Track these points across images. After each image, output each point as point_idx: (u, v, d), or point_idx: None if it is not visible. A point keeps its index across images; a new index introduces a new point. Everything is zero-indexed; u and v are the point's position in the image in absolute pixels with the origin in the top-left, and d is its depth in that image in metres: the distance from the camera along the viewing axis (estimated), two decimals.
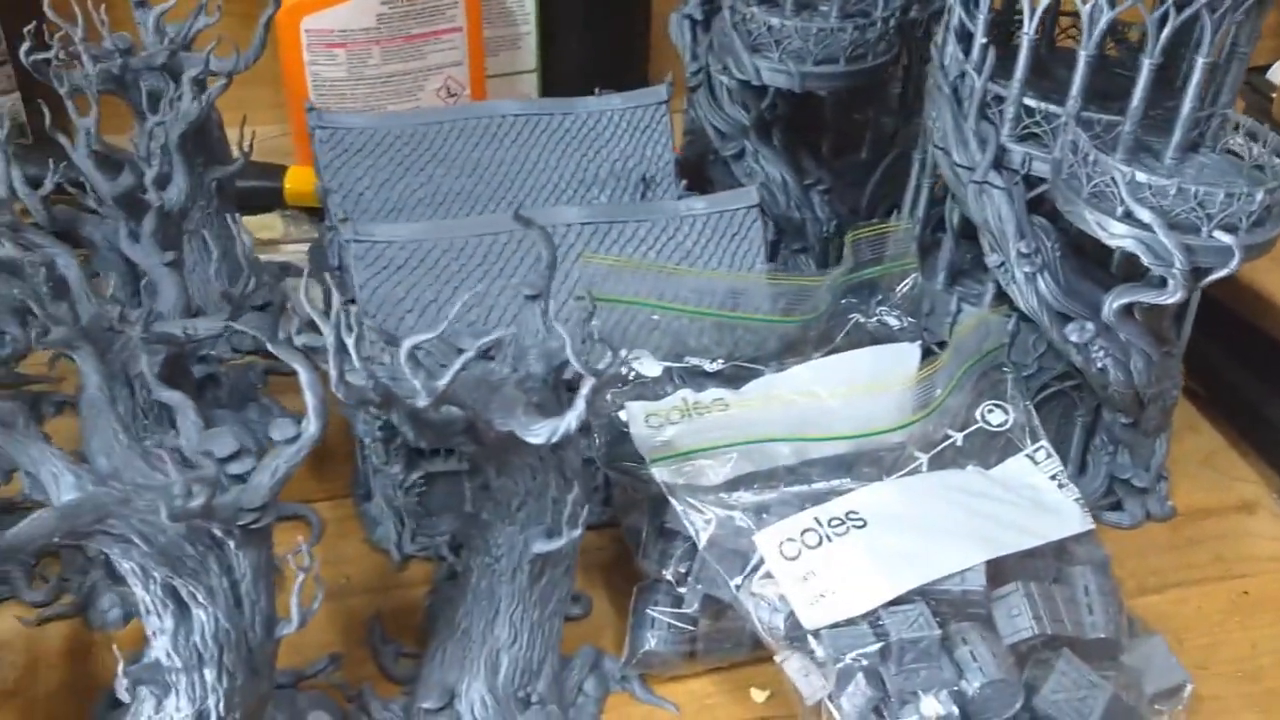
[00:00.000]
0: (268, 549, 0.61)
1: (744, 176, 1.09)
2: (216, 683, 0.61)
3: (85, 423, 0.62)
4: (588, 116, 1.03)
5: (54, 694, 0.79)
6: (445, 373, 0.59)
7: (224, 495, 0.58)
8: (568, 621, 0.79)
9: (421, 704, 0.75)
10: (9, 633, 0.82)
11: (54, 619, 0.83)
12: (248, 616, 0.61)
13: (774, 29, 0.95)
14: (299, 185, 1.31)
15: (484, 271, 0.85)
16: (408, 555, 0.90)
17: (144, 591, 0.59)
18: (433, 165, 1.00)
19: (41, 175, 0.83)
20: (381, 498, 0.90)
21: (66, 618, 0.84)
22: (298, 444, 0.60)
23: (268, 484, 0.60)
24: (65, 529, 0.53)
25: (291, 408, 1.04)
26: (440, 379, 0.59)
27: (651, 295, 0.82)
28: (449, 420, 0.66)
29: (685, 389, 0.80)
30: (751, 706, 0.80)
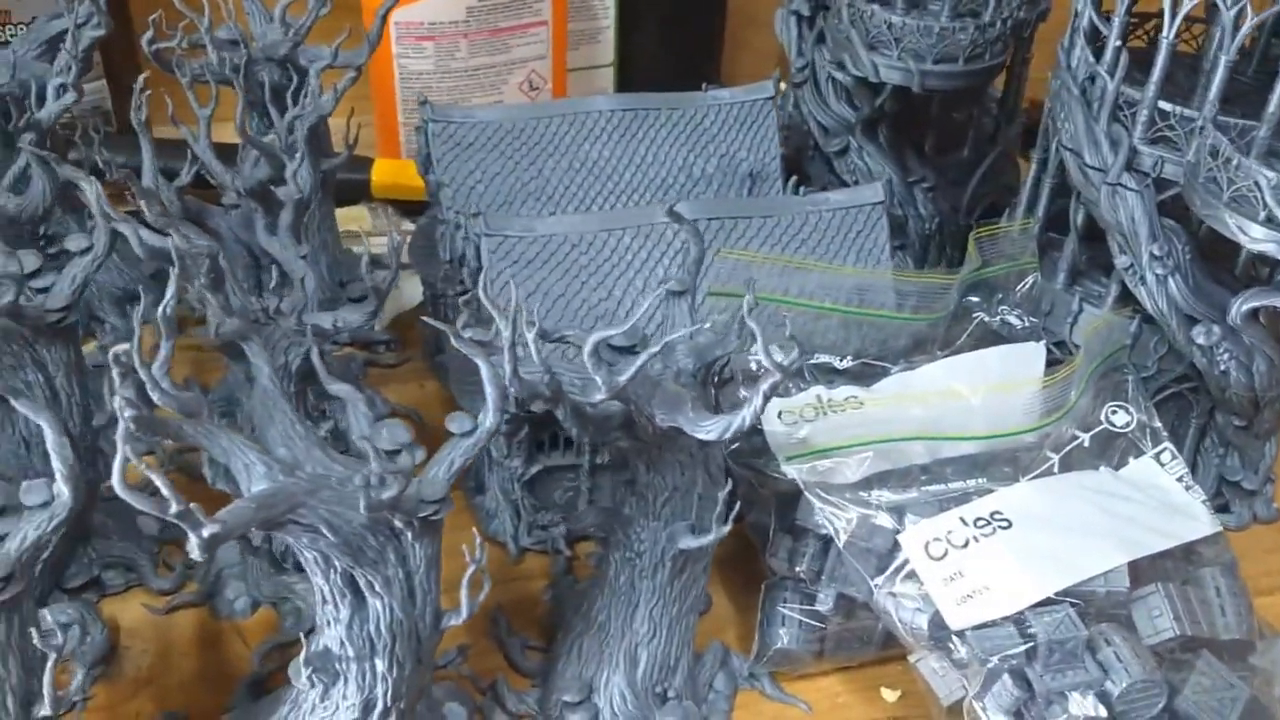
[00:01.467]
0: (439, 541, 0.62)
1: (846, 173, 1.09)
2: (387, 672, 0.61)
3: (259, 413, 0.62)
4: (695, 111, 1.03)
5: (187, 682, 0.79)
6: (625, 368, 0.59)
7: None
8: None
9: (561, 697, 0.75)
10: (139, 621, 0.82)
11: (181, 607, 0.84)
12: (419, 607, 0.61)
13: (894, 27, 0.95)
14: (385, 178, 1.31)
15: (611, 266, 0.85)
16: (524, 548, 0.90)
17: (323, 580, 0.59)
18: (542, 159, 0.99)
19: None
20: (498, 491, 0.90)
21: (193, 606, 0.84)
22: (474, 437, 0.60)
23: (445, 476, 0.60)
24: (261, 519, 0.53)
25: (391, 399, 1.05)
26: (621, 374, 0.59)
27: (779, 291, 0.82)
28: (608, 415, 0.66)
29: (818, 386, 0.80)
30: (883, 706, 0.80)
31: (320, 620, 0.62)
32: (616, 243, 0.85)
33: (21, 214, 0.83)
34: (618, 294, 0.84)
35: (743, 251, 0.83)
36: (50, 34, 0.99)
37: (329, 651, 0.62)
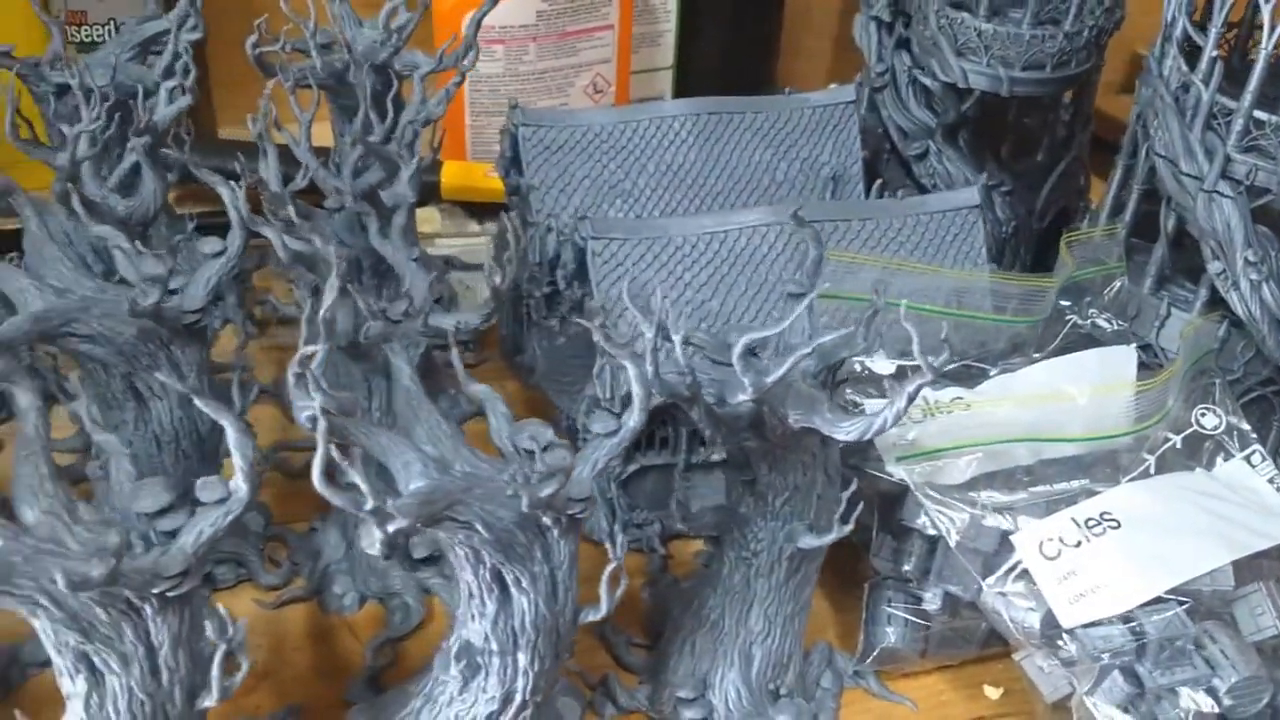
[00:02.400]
0: (578, 538, 0.63)
1: (925, 177, 1.10)
2: (529, 666, 0.63)
3: (403, 414, 0.64)
4: (778, 115, 1.04)
5: (302, 675, 0.81)
6: (772, 370, 0.60)
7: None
8: None
9: (676, 692, 0.76)
10: (250, 616, 0.83)
11: (290, 602, 0.85)
12: (560, 602, 0.63)
13: (983, 34, 0.96)
14: (455, 180, 1.32)
15: (714, 268, 0.86)
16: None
17: (471, 576, 0.61)
18: (629, 163, 1.01)
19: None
20: (595, 490, 0.91)
21: (301, 601, 0.85)
22: (618, 436, 0.62)
23: (590, 475, 0.61)
24: (424, 515, 0.55)
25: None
26: (768, 376, 0.60)
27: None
28: (738, 415, 0.67)
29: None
30: (985, 703, 0.82)
31: (464, 614, 0.63)
32: (719, 245, 0.86)
33: (131, 215, 0.84)
34: (721, 295, 0.86)
35: (850, 254, 0.85)
36: (143, 36, 1.00)
37: (471, 645, 0.63)
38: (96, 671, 0.55)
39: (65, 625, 0.53)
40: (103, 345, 0.70)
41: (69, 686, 0.56)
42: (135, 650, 0.55)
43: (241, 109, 1.00)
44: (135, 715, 0.56)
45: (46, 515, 0.56)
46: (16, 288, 0.68)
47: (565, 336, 0.98)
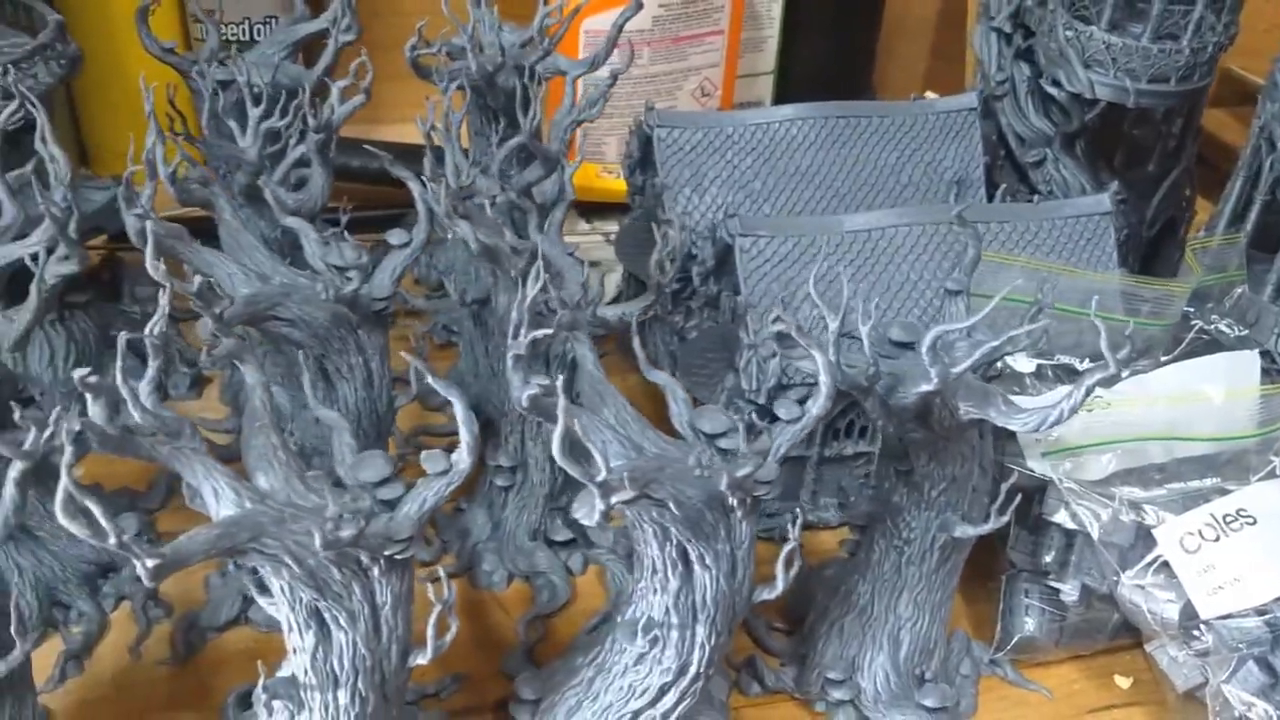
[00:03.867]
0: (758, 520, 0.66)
1: (1042, 183, 1.13)
2: (706, 640, 0.65)
3: (589, 398, 0.67)
4: (903, 120, 1.07)
5: (459, 646, 0.83)
6: (960, 361, 0.64)
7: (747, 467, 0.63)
8: None
9: (826, 673, 0.79)
10: None
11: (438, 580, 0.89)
12: (739, 580, 0.66)
13: (1111, 47, 0.99)
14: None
15: (857, 266, 0.89)
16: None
17: (658, 552, 0.64)
18: (759, 164, 1.04)
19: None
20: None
21: (453, 577, 0.89)
22: (801, 423, 0.65)
23: (776, 460, 0.65)
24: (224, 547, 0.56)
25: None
26: (956, 367, 0.64)
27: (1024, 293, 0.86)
28: (907, 406, 0.70)
29: (1065, 386, 0.84)
30: (1116, 692, 0.84)
31: (645, 588, 0.67)
32: (862, 244, 0.90)
33: (300, 209, 0.89)
34: (864, 293, 0.89)
35: (1000, 254, 0.88)
36: (297, 36, 1.05)
37: (651, 620, 0.67)
38: (325, 627, 0.59)
39: (303, 582, 0.57)
40: (300, 329, 0.74)
41: (297, 641, 0.60)
42: (361, 608, 0.59)
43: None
44: (357, 669, 0.60)
45: (282, 482, 0.60)
46: (226, 273, 0.72)
47: (697, 330, 1.01)
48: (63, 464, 0.49)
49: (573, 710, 0.72)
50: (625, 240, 1.14)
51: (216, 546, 0.54)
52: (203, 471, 0.58)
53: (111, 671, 0.80)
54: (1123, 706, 0.84)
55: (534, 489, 0.90)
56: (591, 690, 0.71)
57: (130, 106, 1.30)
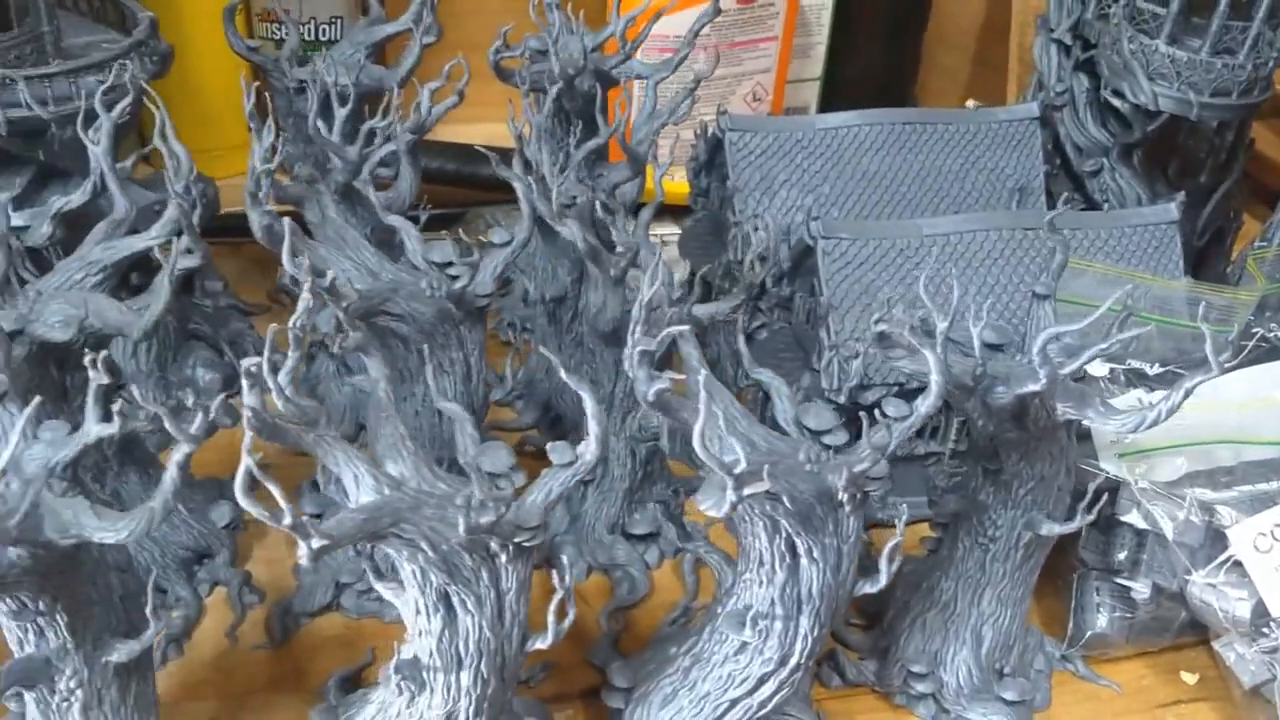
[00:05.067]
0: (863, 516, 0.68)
1: (1098, 192, 1.15)
2: (809, 631, 0.68)
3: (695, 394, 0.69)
4: (966, 128, 1.09)
5: None
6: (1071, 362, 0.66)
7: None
8: None
9: (909, 667, 0.82)
10: None
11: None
12: (843, 574, 0.68)
13: (1175, 60, 1.01)
14: None
15: (935, 270, 0.91)
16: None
17: (766, 544, 0.66)
18: (827, 168, 1.06)
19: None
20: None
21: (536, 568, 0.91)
22: (911, 419, 0.67)
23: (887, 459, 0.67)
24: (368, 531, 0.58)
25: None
26: (1065, 368, 0.66)
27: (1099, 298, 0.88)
28: (1005, 406, 0.72)
29: (1138, 389, 0.86)
30: (1183, 688, 0.87)
31: (750, 580, 0.69)
32: (939, 248, 0.92)
33: (390, 208, 0.91)
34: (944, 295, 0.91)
35: (1093, 263, 0.90)
36: (377, 37, 1.07)
37: (756, 611, 0.69)
38: (452, 610, 0.61)
39: (436, 566, 0.59)
40: (408, 324, 0.76)
41: (424, 624, 0.62)
42: (488, 593, 0.61)
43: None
44: (481, 652, 0.62)
45: (412, 470, 0.62)
46: (340, 269, 0.74)
47: (768, 331, 1.03)
48: (243, 448, 0.51)
49: (668, 698, 0.74)
50: (689, 241, 1.16)
51: (363, 530, 0.56)
52: (343, 458, 0.60)
53: (211, 655, 0.82)
54: (1190, 702, 0.86)
55: (614, 483, 0.92)
56: (689, 679, 0.73)
57: (189, 104, 1.33)
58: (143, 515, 0.55)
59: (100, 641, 0.63)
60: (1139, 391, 0.86)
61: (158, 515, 0.55)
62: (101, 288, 0.75)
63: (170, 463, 0.54)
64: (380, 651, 0.83)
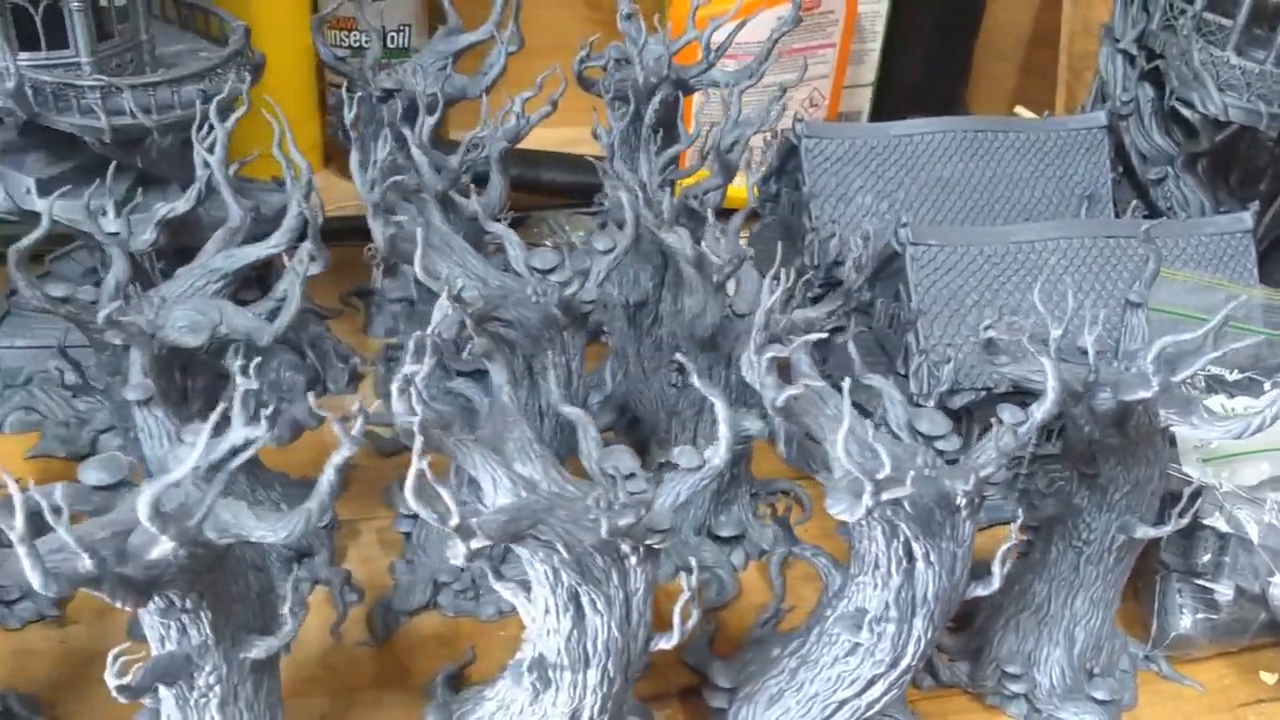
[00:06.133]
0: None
1: (1161, 200, 1.17)
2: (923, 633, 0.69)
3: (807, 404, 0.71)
4: (1036, 136, 1.11)
5: None
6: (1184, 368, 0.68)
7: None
8: None
9: (1004, 667, 0.83)
10: None
11: None
12: (957, 576, 0.69)
13: (1246, 72, 1.03)
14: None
15: (1020, 277, 0.93)
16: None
17: (884, 549, 0.68)
18: (902, 174, 1.08)
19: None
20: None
21: None
22: (1028, 425, 0.68)
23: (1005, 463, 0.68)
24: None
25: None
26: (1177, 374, 0.68)
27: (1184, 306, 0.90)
28: (1108, 411, 0.74)
29: (1219, 395, 0.88)
30: (1263, 687, 0.88)
31: (866, 583, 0.70)
32: (1026, 255, 0.93)
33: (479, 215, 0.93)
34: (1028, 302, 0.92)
35: (1187, 273, 0.92)
36: (458, 47, 1.09)
37: (871, 613, 0.71)
38: (581, 610, 0.63)
39: (569, 567, 0.61)
40: (516, 329, 0.78)
41: (553, 623, 0.64)
42: (618, 594, 0.63)
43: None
44: (609, 651, 0.64)
45: (541, 473, 0.64)
46: (449, 274, 0.76)
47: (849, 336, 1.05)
48: (414, 451, 0.53)
49: (774, 698, 0.76)
50: (755, 246, 1.18)
51: (506, 531, 0.57)
52: (481, 461, 0.62)
53: (317, 652, 0.84)
54: (1270, 701, 0.87)
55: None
56: (795, 680, 0.75)
57: (255, 109, 1.35)
58: (300, 516, 0.57)
59: (239, 638, 0.64)
60: (1220, 397, 0.88)
61: (314, 516, 0.57)
62: (222, 294, 0.77)
63: (329, 465, 0.56)
64: (480, 650, 0.85)
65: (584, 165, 1.39)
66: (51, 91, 0.86)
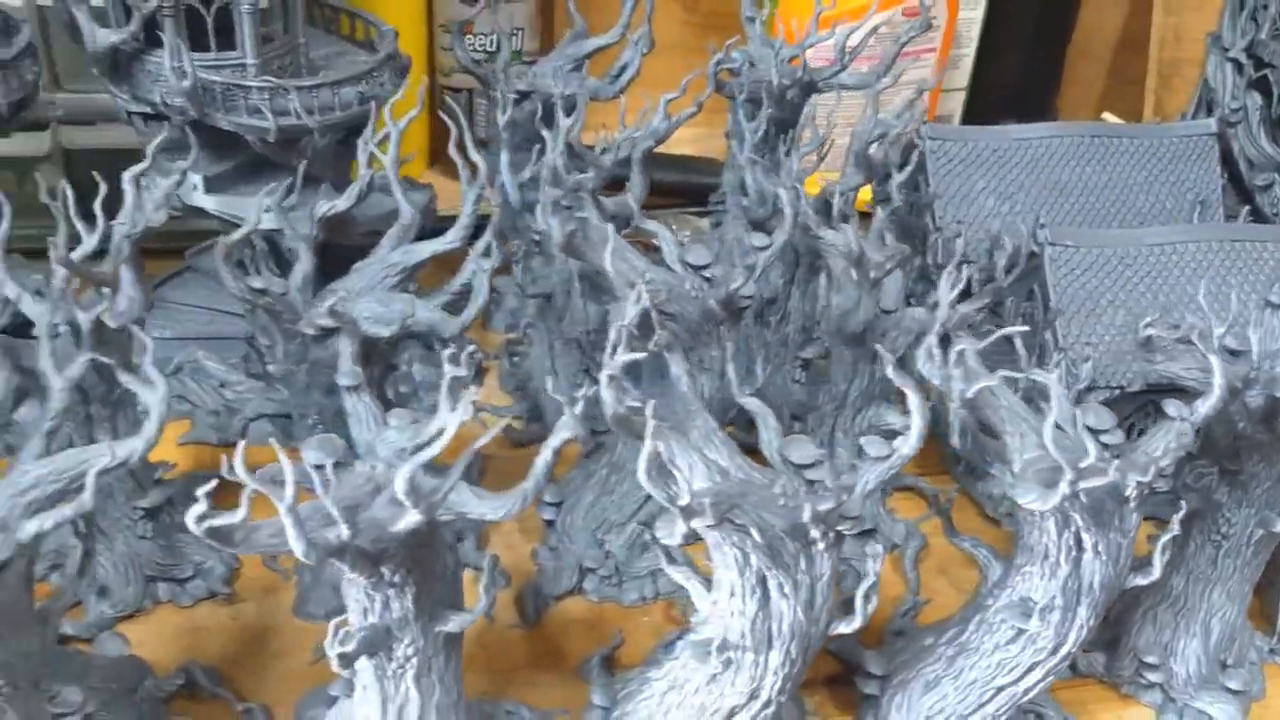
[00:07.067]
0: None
1: (1268, 206, 1.18)
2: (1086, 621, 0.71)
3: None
4: (1150, 142, 1.13)
5: None
6: None
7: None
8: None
9: (1142, 657, 0.85)
10: None
11: None
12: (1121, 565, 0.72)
13: None
14: None
15: (1152, 278, 0.95)
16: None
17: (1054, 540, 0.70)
18: (1022, 177, 1.10)
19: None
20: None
21: None
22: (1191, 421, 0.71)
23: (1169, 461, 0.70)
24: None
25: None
26: None
27: None
28: (1258, 408, 0.76)
29: None
30: None
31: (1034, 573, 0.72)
32: (1158, 257, 0.95)
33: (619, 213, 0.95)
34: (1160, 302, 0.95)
35: None
36: (588, 49, 1.12)
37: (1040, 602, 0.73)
38: (767, 594, 0.66)
39: (761, 551, 0.64)
40: (679, 323, 0.81)
41: (739, 605, 0.66)
42: (804, 579, 0.66)
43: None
44: (793, 633, 0.67)
45: (727, 459, 0.67)
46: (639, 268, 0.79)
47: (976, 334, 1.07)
48: (647, 434, 0.55)
49: (931, 685, 0.78)
50: None
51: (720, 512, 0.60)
52: (678, 448, 0.64)
53: (473, 633, 0.86)
54: None
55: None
56: (953, 667, 0.77)
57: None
58: (517, 496, 0.60)
59: (436, 613, 0.67)
60: None
61: (529, 495, 0.60)
62: (398, 288, 0.80)
63: (546, 447, 0.59)
64: (624, 635, 0.87)
65: (691, 165, 1.43)
66: (220, 91, 0.90)
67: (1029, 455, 0.68)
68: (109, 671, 0.74)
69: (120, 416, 0.78)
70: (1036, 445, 0.68)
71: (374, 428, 0.67)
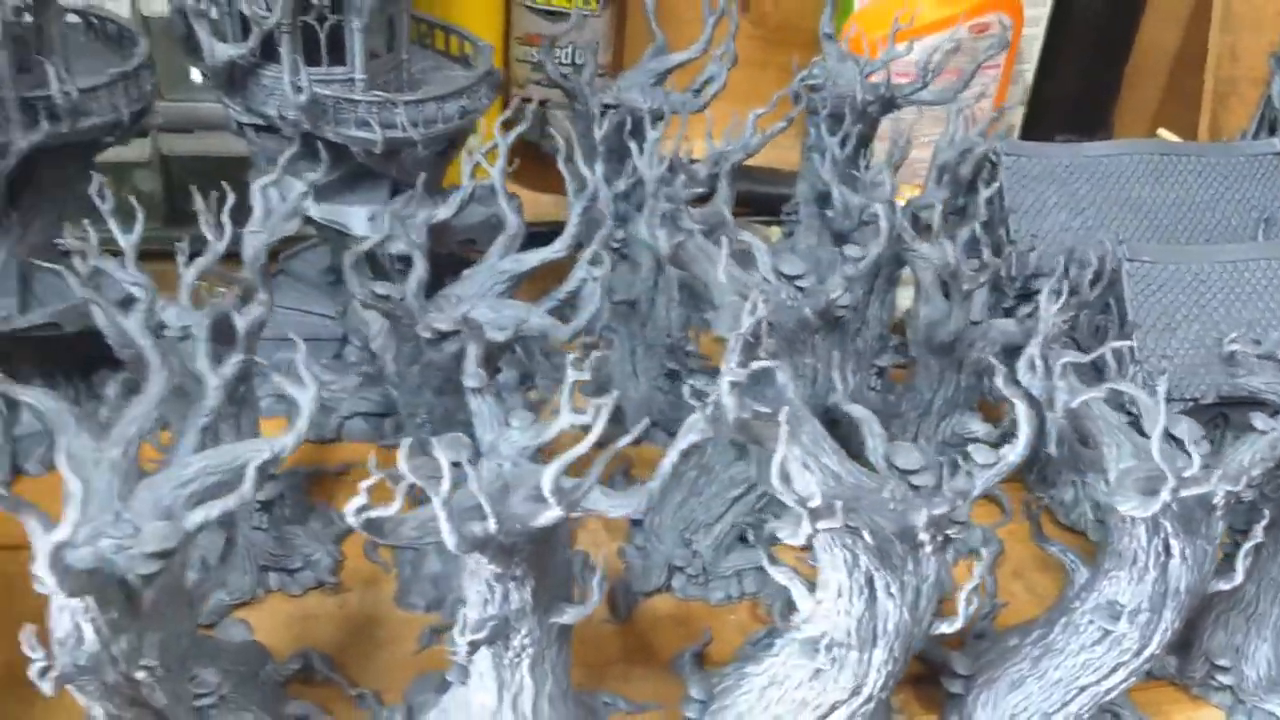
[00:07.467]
0: None
1: None
2: (1170, 624, 0.74)
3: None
4: (1217, 160, 1.16)
5: None
6: None
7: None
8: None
9: (1215, 660, 0.88)
10: None
11: None
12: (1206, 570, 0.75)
13: None
14: None
15: (1225, 294, 0.98)
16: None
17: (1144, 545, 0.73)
18: (1094, 193, 1.13)
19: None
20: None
21: None
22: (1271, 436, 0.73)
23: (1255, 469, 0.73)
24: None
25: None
26: None
27: None
28: None
29: None
30: None
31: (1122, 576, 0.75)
32: (1233, 274, 0.98)
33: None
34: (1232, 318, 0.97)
35: None
36: (670, 64, 1.15)
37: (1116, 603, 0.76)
38: (873, 594, 0.69)
39: (871, 552, 0.67)
40: (775, 332, 0.84)
41: (845, 604, 0.69)
42: (911, 580, 0.69)
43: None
44: (898, 633, 0.70)
45: (837, 464, 0.70)
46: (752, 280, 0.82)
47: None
48: (780, 440, 0.59)
49: (1016, 684, 0.81)
50: None
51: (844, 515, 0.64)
52: (800, 451, 0.68)
53: None
54: None
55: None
56: (1038, 667, 0.80)
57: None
58: (643, 494, 0.63)
59: (551, 605, 0.71)
60: None
61: (655, 494, 0.63)
62: (506, 295, 0.83)
63: (673, 448, 0.62)
64: (714, 632, 0.91)
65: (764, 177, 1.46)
66: (332, 105, 0.94)
67: (1124, 464, 0.71)
68: (237, 655, 0.77)
69: (244, 414, 0.81)
70: (1131, 454, 0.71)
71: (497, 428, 0.71)
